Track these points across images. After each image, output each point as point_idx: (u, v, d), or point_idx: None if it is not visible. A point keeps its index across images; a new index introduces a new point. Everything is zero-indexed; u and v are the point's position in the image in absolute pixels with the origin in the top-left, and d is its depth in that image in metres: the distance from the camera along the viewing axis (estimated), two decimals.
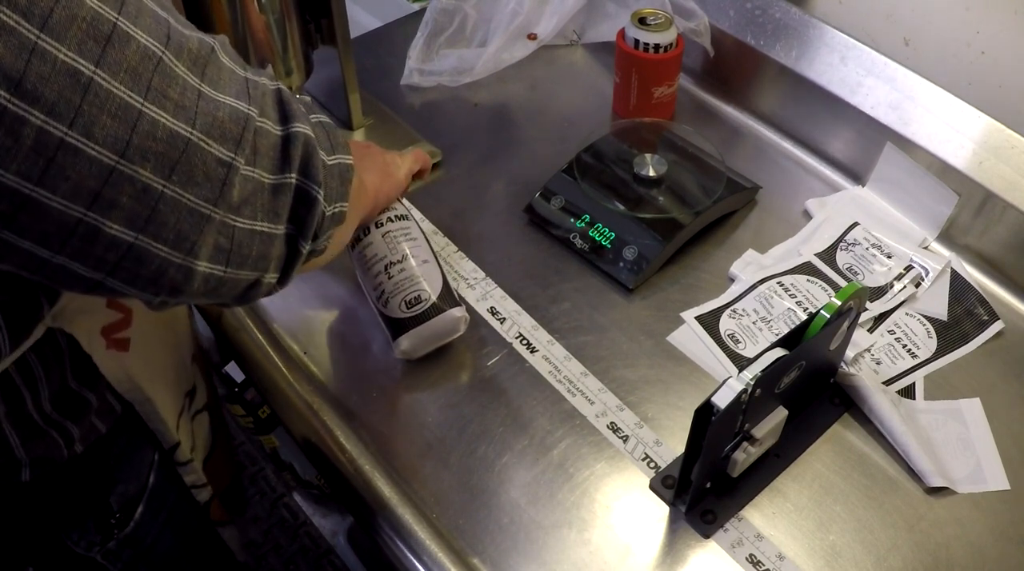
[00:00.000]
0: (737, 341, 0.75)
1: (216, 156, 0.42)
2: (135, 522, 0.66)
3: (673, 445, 0.68)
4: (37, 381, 0.55)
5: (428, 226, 0.83)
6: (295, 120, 0.47)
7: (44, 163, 0.37)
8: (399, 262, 0.70)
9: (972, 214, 0.81)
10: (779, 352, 0.59)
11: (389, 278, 0.70)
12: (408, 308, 0.69)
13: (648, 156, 0.84)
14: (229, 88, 0.43)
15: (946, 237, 0.83)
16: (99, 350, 0.59)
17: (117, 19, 0.38)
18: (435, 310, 0.69)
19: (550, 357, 0.73)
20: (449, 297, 0.71)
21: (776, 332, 0.75)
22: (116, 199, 0.39)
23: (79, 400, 0.59)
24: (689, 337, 0.75)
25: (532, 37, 1.03)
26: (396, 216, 0.73)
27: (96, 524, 0.64)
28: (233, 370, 0.88)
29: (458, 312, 0.70)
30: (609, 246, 0.80)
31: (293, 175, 0.47)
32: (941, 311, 0.78)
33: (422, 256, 0.72)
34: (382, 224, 0.72)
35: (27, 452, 0.55)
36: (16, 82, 0.35)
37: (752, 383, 0.57)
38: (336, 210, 0.52)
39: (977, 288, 0.79)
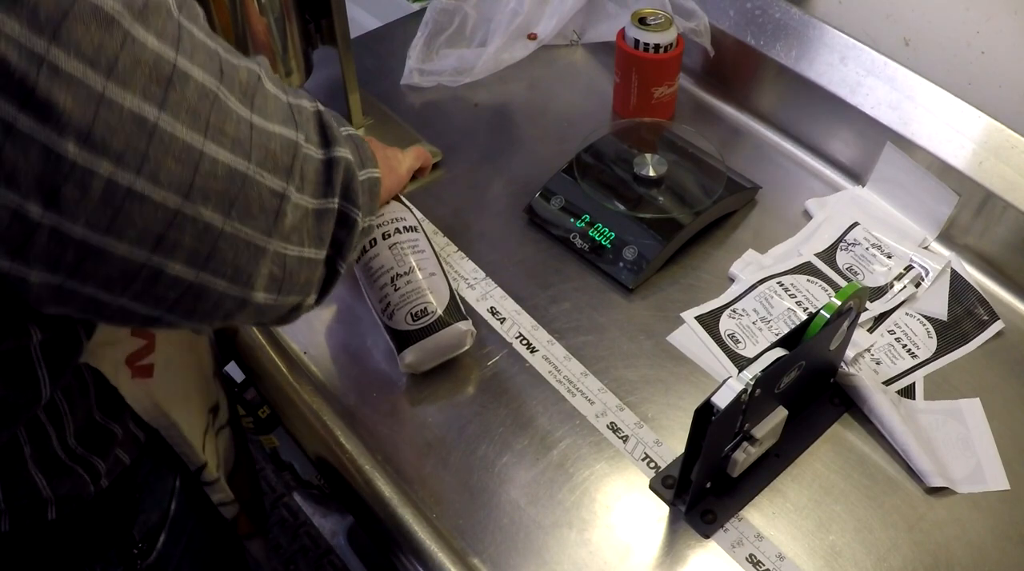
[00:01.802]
0: (737, 341, 0.75)
1: (270, 188, 0.42)
2: (158, 551, 0.64)
3: (673, 445, 0.68)
4: (62, 416, 0.53)
5: (428, 227, 0.83)
6: (336, 144, 0.47)
7: (112, 213, 0.36)
8: (406, 274, 0.69)
9: (972, 214, 0.81)
10: (779, 352, 0.59)
11: (395, 290, 0.69)
12: (414, 320, 0.68)
13: (648, 156, 0.84)
14: (276, 115, 0.43)
15: (946, 237, 0.83)
16: (124, 380, 0.59)
17: (176, 59, 0.37)
18: (441, 323, 0.68)
19: (550, 357, 0.73)
20: (456, 311, 0.70)
21: (776, 332, 0.75)
22: (179, 240, 0.39)
23: (104, 432, 0.58)
24: (689, 337, 0.75)
25: (532, 37, 1.03)
26: (404, 227, 0.72)
27: (119, 555, 0.62)
28: (233, 370, 0.88)
29: (464, 326, 0.70)
30: (609, 246, 0.80)
31: (336, 200, 0.47)
32: (941, 311, 0.78)
33: (429, 269, 0.71)
34: (389, 235, 0.71)
35: (53, 491, 0.54)
36: (85, 135, 0.34)
37: (752, 383, 0.57)
38: (367, 224, 0.53)
39: (977, 288, 0.79)
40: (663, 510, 0.65)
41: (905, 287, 0.79)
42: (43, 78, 0.33)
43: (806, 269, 0.80)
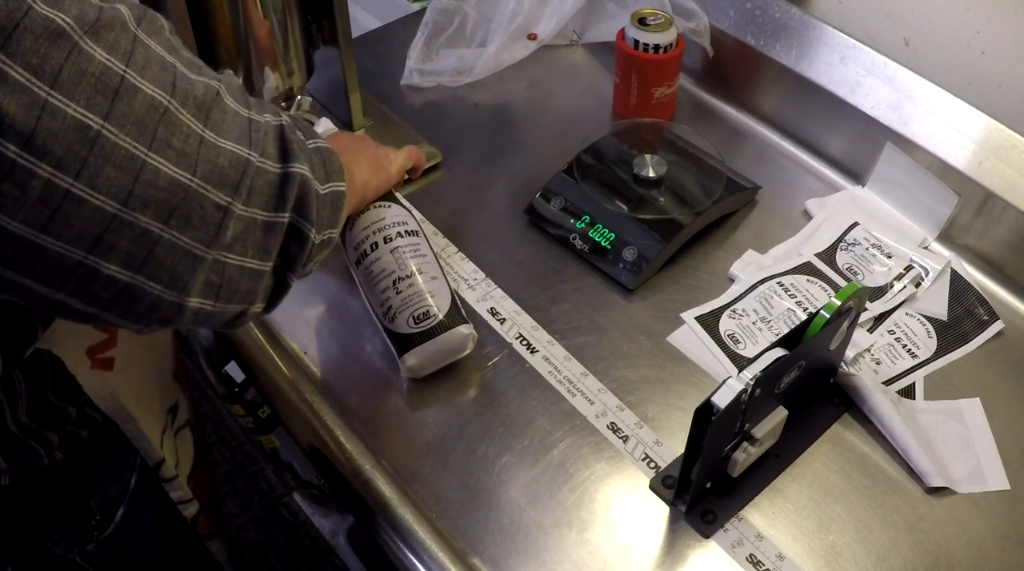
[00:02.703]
0: (737, 341, 0.75)
1: (214, 201, 0.43)
2: (115, 524, 0.66)
3: (673, 445, 0.68)
4: (18, 396, 0.55)
5: (428, 228, 0.83)
6: (294, 159, 0.48)
7: (49, 212, 0.37)
8: (407, 278, 0.69)
9: (972, 214, 0.81)
10: (779, 352, 0.59)
11: (397, 293, 0.69)
12: (416, 323, 0.68)
13: (648, 156, 0.84)
14: (231, 132, 0.44)
15: (946, 237, 0.83)
16: (83, 370, 0.60)
17: (125, 72, 0.38)
18: (443, 326, 0.68)
19: (550, 357, 0.73)
20: (458, 314, 0.69)
21: (776, 332, 0.75)
22: (115, 243, 0.40)
23: (58, 412, 0.59)
24: (689, 337, 0.75)
25: (532, 37, 1.03)
26: (406, 231, 0.71)
27: (75, 525, 0.64)
28: (233, 370, 0.88)
29: (466, 329, 0.69)
30: (609, 247, 0.80)
31: (287, 214, 0.48)
32: (941, 311, 0.78)
33: (431, 272, 0.70)
34: (391, 239, 0.70)
35: (6, 461, 0.56)
36: (27, 138, 0.35)
37: (752, 383, 0.57)
38: (326, 237, 0.53)
39: (977, 288, 0.79)
40: (663, 510, 0.65)
41: (905, 287, 0.79)
42: None
43: (806, 269, 0.80)
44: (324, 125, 0.78)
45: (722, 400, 0.56)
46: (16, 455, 0.56)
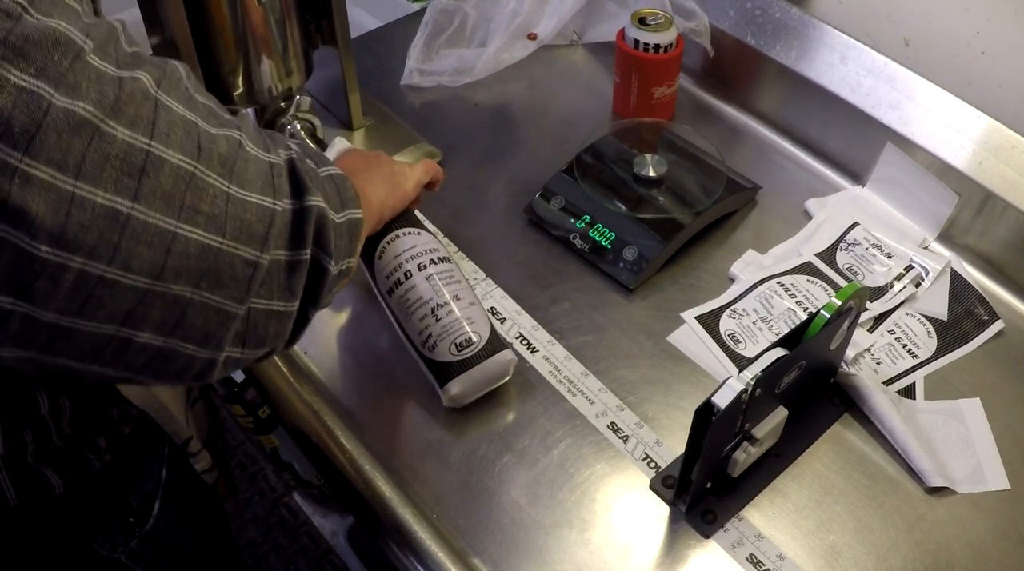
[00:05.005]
0: (737, 341, 0.75)
1: (244, 258, 0.42)
2: (154, 518, 0.65)
3: (673, 445, 0.68)
4: (62, 412, 0.55)
5: (429, 227, 0.83)
6: (308, 193, 0.47)
7: (83, 300, 0.37)
8: (446, 305, 0.67)
9: (972, 214, 0.81)
10: (779, 352, 0.59)
11: (437, 321, 0.67)
12: (459, 351, 0.66)
13: (648, 156, 0.84)
14: (256, 182, 0.43)
15: (946, 237, 0.83)
16: None
17: (150, 146, 0.37)
18: (486, 353, 0.67)
19: (550, 357, 0.73)
20: (497, 340, 0.68)
21: (776, 332, 0.75)
22: (148, 314, 0.40)
23: (101, 415, 0.59)
24: (689, 337, 0.75)
25: (532, 37, 1.03)
26: (438, 258, 0.70)
27: (118, 524, 0.63)
28: None
29: (508, 355, 0.68)
30: (609, 246, 0.80)
31: (308, 250, 0.47)
32: (941, 311, 0.78)
33: (468, 298, 0.69)
34: (425, 266, 0.69)
35: (60, 476, 0.55)
36: (58, 236, 0.35)
37: (752, 383, 0.57)
38: (344, 266, 0.52)
39: (977, 288, 0.79)
40: (663, 510, 0.65)
41: (905, 287, 0.79)
42: (15, 188, 0.33)
43: (806, 269, 0.80)
44: (340, 145, 0.76)
45: (722, 400, 0.56)
46: (68, 468, 0.56)
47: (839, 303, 0.61)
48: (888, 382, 0.72)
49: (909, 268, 0.80)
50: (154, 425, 0.66)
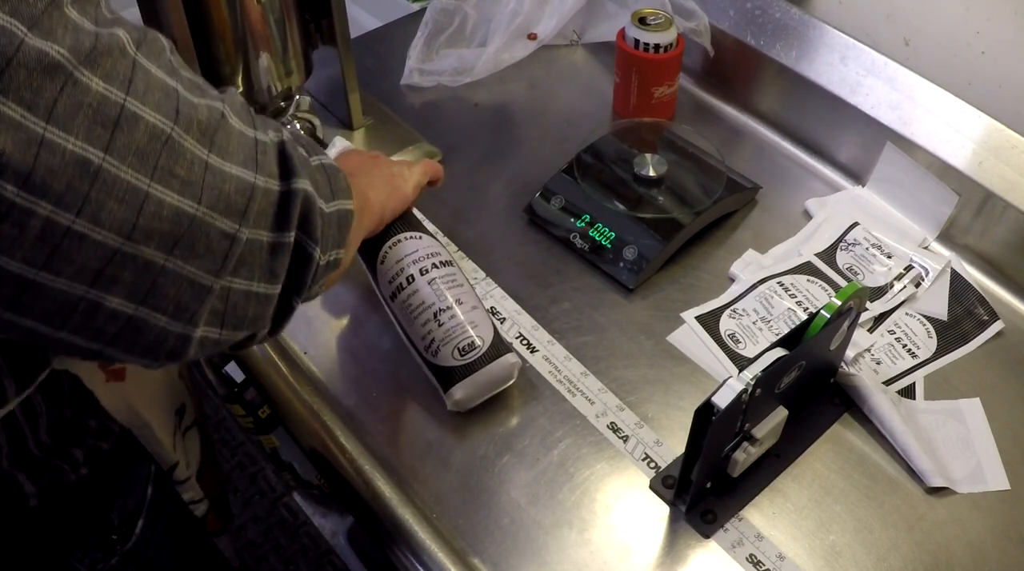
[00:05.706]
0: (737, 341, 0.75)
1: (220, 229, 0.42)
2: (136, 537, 0.65)
3: (673, 445, 0.68)
4: (38, 417, 0.54)
5: (429, 227, 0.83)
6: (295, 176, 0.46)
7: (49, 250, 0.36)
8: (448, 309, 0.67)
9: (972, 214, 0.81)
10: (779, 352, 0.59)
11: (439, 325, 0.67)
12: (462, 355, 0.66)
13: (648, 156, 0.84)
14: (237, 155, 0.43)
15: (946, 237, 0.83)
16: (99, 384, 0.59)
17: (125, 100, 0.37)
18: (490, 356, 0.66)
19: (550, 357, 0.73)
20: (501, 344, 0.68)
21: (776, 332, 0.75)
22: (118, 276, 0.39)
23: (78, 426, 0.58)
24: (689, 337, 0.75)
25: (532, 37, 1.03)
26: (441, 262, 0.70)
27: (98, 541, 0.62)
28: (233, 370, 0.88)
29: (512, 357, 0.68)
30: (609, 246, 0.80)
31: (292, 233, 0.46)
32: (941, 311, 0.78)
33: (471, 302, 0.69)
34: (427, 271, 0.68)
35: (34, 484, 0.55)
36: (25, 177, 0.34)
37: (752, 383, 0.57)
38: (332, 258, 0.51)
39: (977, 288, 0.79)
40: (663, 510, 0.65)
41: (905, 287, 0.79)
42: None
43: (806, 269, 0.80)
44: (340, 144, 0.77)
45: (722, 400, 0.56)
46: (42, 476, 0.55)
47: (839, 303, 0.61)
48: (888, 382, 0.72)
49: (909, 268, 0.80)
50: (137, 444, 0.65)
